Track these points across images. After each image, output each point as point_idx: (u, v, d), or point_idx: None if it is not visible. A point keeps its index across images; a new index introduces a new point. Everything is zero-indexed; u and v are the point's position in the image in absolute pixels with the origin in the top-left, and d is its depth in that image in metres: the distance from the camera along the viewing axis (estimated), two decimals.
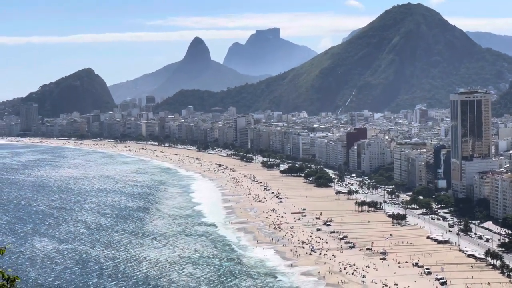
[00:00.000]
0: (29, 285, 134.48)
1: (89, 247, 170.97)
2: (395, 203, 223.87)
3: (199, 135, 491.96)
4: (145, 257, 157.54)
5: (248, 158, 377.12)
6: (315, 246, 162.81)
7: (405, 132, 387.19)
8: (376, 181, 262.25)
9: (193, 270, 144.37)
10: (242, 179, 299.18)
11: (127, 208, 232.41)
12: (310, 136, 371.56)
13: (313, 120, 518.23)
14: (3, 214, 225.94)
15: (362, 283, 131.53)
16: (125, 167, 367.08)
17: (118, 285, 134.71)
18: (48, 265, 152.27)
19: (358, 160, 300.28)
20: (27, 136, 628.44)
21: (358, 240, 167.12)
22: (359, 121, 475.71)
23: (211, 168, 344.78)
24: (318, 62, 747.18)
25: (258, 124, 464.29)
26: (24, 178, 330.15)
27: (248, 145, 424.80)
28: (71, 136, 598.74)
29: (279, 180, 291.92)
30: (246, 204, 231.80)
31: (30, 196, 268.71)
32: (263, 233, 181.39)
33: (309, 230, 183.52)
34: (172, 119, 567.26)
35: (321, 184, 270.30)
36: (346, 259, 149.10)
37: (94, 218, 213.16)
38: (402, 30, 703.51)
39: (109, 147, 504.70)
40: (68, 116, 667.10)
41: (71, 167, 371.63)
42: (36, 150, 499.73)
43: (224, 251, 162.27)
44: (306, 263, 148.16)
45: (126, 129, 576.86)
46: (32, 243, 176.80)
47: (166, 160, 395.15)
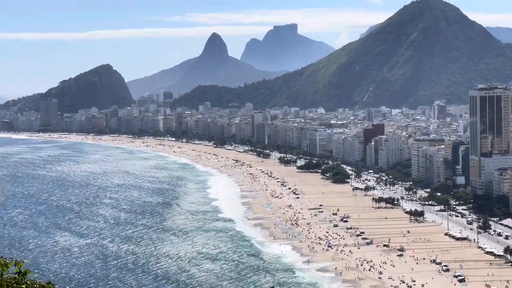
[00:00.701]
0: (51, 278, 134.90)
1: (109, 241, 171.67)
2: (413, 200, 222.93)
3: (216, 131, 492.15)
4: (164, 252, 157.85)
5: (265, 154, 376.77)
6: (332, 242, 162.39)
7: (423, 128, 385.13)
8: (393, 178, 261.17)
9: (212, 266, 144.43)
10: (259, 175, 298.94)
11: (147, 203, 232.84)
12: (327, 132, 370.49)
13: (330, 116, 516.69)
14: (24, 208, 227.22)
15: (379, 280, 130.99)
16: (144, 162, 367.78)
17: (138, 279, 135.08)
18: (69, 259, 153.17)
19: (376, 156, 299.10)
20: (47, 132, 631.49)
21: (375, 236, 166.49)
22: (376, 117, 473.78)
23: (228, 164, 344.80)
24: (335, 58, 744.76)
25: (275, 120, 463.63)
26: (45, 173, 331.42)
27: (265, 141, 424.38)
28: (89, 131, 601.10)
29: (296, 176, 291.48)
30: (263, 200, 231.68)
31: (51, 190, 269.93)
32: (280, 229, 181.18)
33: (326, 226, 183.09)
34: (190, 114, 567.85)
35: (338, 180, 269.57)
36: (363, 255, 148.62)
37: (114, 213, 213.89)
38: (421, 26, 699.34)
39: (127, 143, 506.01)
40: (86, 112, 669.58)
41: (91, 163, 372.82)
42: (56, 145, 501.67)
43: (241, 246, 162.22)
44: (323, 259, 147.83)
45: (143, 124, 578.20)
46: (53, 237, 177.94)
47: (183, 156, 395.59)
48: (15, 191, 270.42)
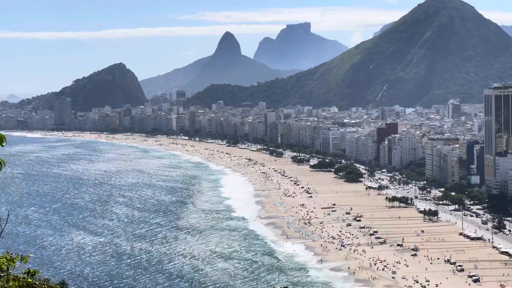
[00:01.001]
0: (65, 276, 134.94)
1: (123, 240, 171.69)
2: (427, 199, 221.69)
3: (229, 130, 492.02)
4: (178, 251, 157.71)
5: (278, 153, 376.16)
6: (345, 242, 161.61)
7: (437, 127, 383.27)
8: (407, 177, 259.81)
9: (225, 265, 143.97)
10: (272, 173, 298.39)
11: (160, 202, 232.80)
12: (340, 131, 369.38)
13: (344, 115, 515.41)
14: (39, 207, 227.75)
15: (393, 279, 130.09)
16: (157, 161, 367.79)
17: (152, 278, 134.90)
18: (83, 257, 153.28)
19: (389, 155, 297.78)
20: (61, 130, 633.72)
21: (389, 235, 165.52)
22: (390, 116, 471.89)
23: (241, 163, 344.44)
24: (349, 56, 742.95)
25: (288, 119, 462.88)
26: (60, 171, 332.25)
27: (278, 140, 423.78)
28: (103, 130, 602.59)
29: (309, 175, 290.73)
30: (276, 199, 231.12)
31: (66, 189, 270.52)
32: (293, 228, 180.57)
33: (339, 225, 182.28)
34: (203, 113, 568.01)
35: (351, 179, 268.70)
36: (377, 255, 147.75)
37: (128, 212, 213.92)
38: (435, 24, 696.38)
39: (140, 141, 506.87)
40: (100, 111, 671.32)
41: (105, 161, 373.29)
42: (70, 144, 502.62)
43: (254, 245, 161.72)
44: (336, 259, 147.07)
45: (156, 123, 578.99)
46: (68, 235, 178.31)
47: (196, 155, 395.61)
48: (30, 190, 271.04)
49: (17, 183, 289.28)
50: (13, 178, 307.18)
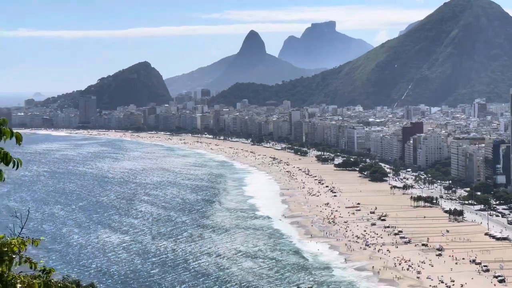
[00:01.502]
0: (92, 274, 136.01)
1: (149, 238, 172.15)
2: (452, 199, 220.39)
3: (253, 128, 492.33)
4: (203, 249, 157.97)
5: (302, 152, 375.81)
6: (369, 241, 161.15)
7: (463, 127, 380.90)
8: (432, 176, 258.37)
9: (250, 264, 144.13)
10: (297, 172, 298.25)
11: (186, 200, 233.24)
12: (365, 130, 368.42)
13: (369, 114, 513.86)
14: (65, 205, 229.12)
15: (418, 279, 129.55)
16: (182, 160, 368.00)
17: (178, 276, 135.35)
18: (109, 255, 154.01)
19: (414, 154, 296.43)
20: (85, 129, 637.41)
21: (414, 235, 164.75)
22: (415, 115, 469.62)
23: (265, 162, 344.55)
24: (374, 55, 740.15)
25: (313, 118, 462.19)
26: (85, 169, 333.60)
27: (302, 139, 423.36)
28: (127, 128, 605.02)
29: (334, 174, 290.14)
30: (300, 198, 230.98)
31: (91, 187, 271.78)
32: (317, 227, 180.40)
33: (364, 224, 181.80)
34: (227, 112, 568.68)
35: (376, 179, 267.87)
36: (401, 254, 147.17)
37: (153, 210, 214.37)
38: (461, 23, 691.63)
39: (165, 140, 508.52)
40: (125, 109, 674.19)
41: (130, 160, 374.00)
42: (95, 142, 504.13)
43: (279, 244, 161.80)
44: (360, 258, 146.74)
45: (181, 122, 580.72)
46: (94, 233, 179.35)
47: (221, 153, 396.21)
48: (56, 188, 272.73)
49: (43, 181, 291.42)
50: (39, 176, 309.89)
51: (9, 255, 8.71)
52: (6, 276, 8.55)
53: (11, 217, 22.84)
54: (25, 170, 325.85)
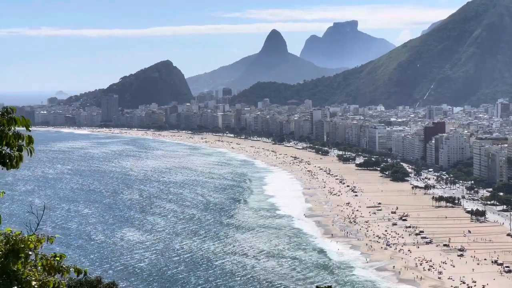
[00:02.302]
0: (117, 271, 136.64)
1: (173, 237, 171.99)
2: (474, 199, 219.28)
3: (275, 128, 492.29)
4: (227, 249, 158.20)
5: (323, 151, 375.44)
6: (390, 241, 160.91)
7: (486, 127, 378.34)
8: (454, 176, 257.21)
9: (273, 263, 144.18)
10: (318, 172, 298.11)
11: (210, 199, 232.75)
12: (386, 129, 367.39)
13: (390, 114, 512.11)
14: (90, 203, 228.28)
15: (439, 280, 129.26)
16: (205, 159, 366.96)
17: (202, 275, 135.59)
18: (134, 254, 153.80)
19: (436, 154, 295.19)
20: (107, 127, 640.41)
21: (435, 235, 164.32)
22: (437, 115, 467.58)
23: (286, 161, 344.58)
24: (396, 55, 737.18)
25: (334, 117, 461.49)
26: (111, 168, 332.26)
27: (323, 138, 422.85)
28: (149, 127, 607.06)
29: (355, 173, 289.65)
30: (321, 197, 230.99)
31: (116, 186, 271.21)
32: (338, 227, 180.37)
33: (385, 224, 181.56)
34: (248, 111, 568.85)
35: (397, 178, 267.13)
36: (422, 254, 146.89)
37: (178, 209, 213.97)
38: (484, 23, 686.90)
39: (186, 139, 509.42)
40: (146, 108, 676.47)
41: (155, 158, 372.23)
42: (119, 140, 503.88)
43: (300, 244, 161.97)
44: (381, 258, 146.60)
45: (202, 120, 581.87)
46: (118, 232, 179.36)
47: (242, 152, 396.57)
48: (81, 186, 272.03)
49: (68, 180, 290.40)
50: (63, 174, 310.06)
51: (25, 252, 8.80)
52: (21, 273, 8.64)
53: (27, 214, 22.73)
54: (49, 168, 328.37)
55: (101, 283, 26.19)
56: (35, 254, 8.96)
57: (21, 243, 8.76)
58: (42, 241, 9.21)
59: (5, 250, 8.65)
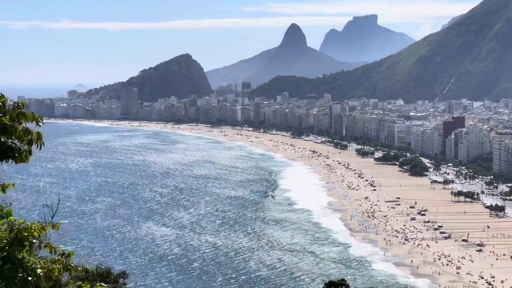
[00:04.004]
0: (134, 266, 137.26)
1: (194, 233, 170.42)
2: (493, 194, 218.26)
3: (293, 122, 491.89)
4: (251, 244, 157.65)
5: (342, 145, 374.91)
6: (409, 236, 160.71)
7: (506, 122, 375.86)
8: (473, 171, 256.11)
9: (292, 258, 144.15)
10: (336, 166, 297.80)
11: (233, 194, 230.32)
12: (406, 124, 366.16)
13: (409, 108, 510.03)
14: (107, 196, 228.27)
15: (457, 275, 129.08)
16: (226, 152, 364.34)
17: (224, 271, 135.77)
18: (154, 249, 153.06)
19: (455, 149, 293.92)
20: (127, 120, 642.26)
21: (454, 230, 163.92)
22: (457, 109, 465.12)
23: (305, 155, 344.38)
24: (416, 49, 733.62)
25: (353, 111, 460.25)
26: (133, 161, 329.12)
27: (342, 132, 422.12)
28: (168, 120, 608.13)
29: (373, 168, 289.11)
30: (339, 191, 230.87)
31: (140, 179, 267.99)
32: (356, 221, 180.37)
33: (403, 219, 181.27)
34: (267, 105, 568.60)
35: (416, 173, 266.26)
36: (441, 249, 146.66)
37: (202, 204, 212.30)
38: (505, 17, 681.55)
39: (205, 132, 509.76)
40: (166, 101, 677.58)
41: (178, 152, 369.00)
42: (140, 134, 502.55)
43: (318, 238, 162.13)
44: (399, 253, 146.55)
45: (221, 114, 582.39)
46: (140, 225, 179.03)
47: (261, 146, 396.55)
48: (103, 180, 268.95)
49: (89, 173, 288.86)
50: (85, 167, 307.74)
51: (29, 240, 8.80)
52: (26, 261, 8.66)
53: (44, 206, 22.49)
54: (71, 162, 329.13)
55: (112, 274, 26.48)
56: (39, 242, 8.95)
57: (25, 232, 8.77)
58: (47, 228, 9.21)
59: (9, 238, 8.68)
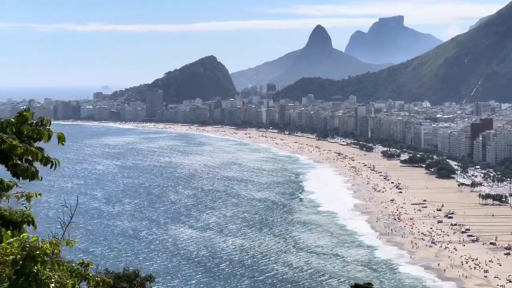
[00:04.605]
0: (160, 268, 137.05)
1: (223, 235, 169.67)
2: None
3: (319, 124, 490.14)
4: (278, 246, 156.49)
5: (368, 148, 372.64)
6: (435, 239, 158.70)
7: None
8: (502, 174, 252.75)
9: (318, 260, 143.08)
10: (362, 168, 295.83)
11: (261, 196, 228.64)
12: (432, 126, 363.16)
13: (436, 110, 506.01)
14: (134, 198, 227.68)
15: (485, 278, 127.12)
16: (252, 154, 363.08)
17: (250, 274, 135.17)
18: (181, 251, 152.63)
19: (483, 151, 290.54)
20: (152, 122, 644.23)
21: (481, 233, 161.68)
22: (485, 111, 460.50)
23: (330, 157, 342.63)
24: (442, 50, 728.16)
25: (379, 113, 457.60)
26: (162, 164, 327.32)
27: (368, 134, 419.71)
28: (193, 122, 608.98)
29: (399, 170, 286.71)
30: (365, 194, 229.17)
31: (161, 182, 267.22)
32: (382, 223, 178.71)
33: (430, 222, 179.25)
34: (292, 107, 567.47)
35: (443, 176, 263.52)
36: (468, 253, 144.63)
37: (227, 207, 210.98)
38: None
39: (230, 134, 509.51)
40: (191, 103, 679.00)
41: (205, 154, 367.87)
42: (166, 136, 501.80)
43: (344, 241, 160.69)
44: (426, 256, 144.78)
45: (246, 116, 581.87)
46: (164, 228, 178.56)
47: (286, 148, 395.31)
48: (130, 182, 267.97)
49: (116, 175, 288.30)
50: (112, 169, 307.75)
51: (42, 258, 8.63)
52: (41, 275, 8.53)
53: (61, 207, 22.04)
54: (98, 164, 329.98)
55: (139, 276, 25.59)
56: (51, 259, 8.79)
57: (36, 250, 8.65)
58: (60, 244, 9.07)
59: (22, 256, 8.59)
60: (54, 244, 8.86)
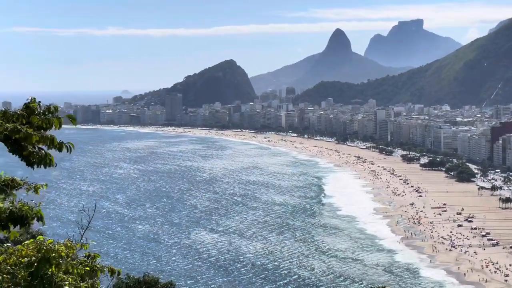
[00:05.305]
0: (181, 273, 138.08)
1: (245, 239, 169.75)
2: None
3: (338, 127, 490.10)
4: (299, 250, 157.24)
5: (387, 151, 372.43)
6: (455, 242, 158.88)
7: None
8: None
9: (338, 264, 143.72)
10: (381, 172, 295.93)
11: (282, 201, 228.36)
12: (452, 129, 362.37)
13: (456, 114, 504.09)
14: (156, 202, 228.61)
15: (505, 282, 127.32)
16: (272, 158, 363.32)
17: (268, 277, 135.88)
18: (203, 256, 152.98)
19: (503, 155, 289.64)
20: (171, 126, 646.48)
21: (502, 238, 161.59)
22: (505, 115, 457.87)
23: (349, 161, 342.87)
24: (462, 54, 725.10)
25: (399, 117, 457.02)
26: (183, 168, 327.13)
27: (387, 138, 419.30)
28: (212, 126, 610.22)
29: (419, 174, 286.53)
30: (384, 197, 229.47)
31: (183, 186, 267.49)
32: (402, 227, 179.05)
33: (450, 225, 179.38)
34: (312, 110, 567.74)
35: (462, 179, 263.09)
36: (489, 257, 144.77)
37: (249, 211, 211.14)
38: None
39: (249, 138, 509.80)
40: (210, 107, 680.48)
41: (226, 158, 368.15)
42: (186, 140, 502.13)
43: (364, 245, 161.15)
44: (446, 260, 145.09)
45: (266, 120, 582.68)
46: (186, 231, 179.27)
47: (305, 152, 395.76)
48: (151, 186, 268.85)
49: (136, 179, 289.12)
50: (133, 173, 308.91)
51: (57, 260, 8.84)
52: (55, 277, 8.71)
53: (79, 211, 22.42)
54: (119, 168, 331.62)
55: (159, 283, 26.68)
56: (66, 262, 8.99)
57: (52, 252, 8.85)
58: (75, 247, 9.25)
59: (37, 258, 8.79)
60: (69, 247, 9.12)
